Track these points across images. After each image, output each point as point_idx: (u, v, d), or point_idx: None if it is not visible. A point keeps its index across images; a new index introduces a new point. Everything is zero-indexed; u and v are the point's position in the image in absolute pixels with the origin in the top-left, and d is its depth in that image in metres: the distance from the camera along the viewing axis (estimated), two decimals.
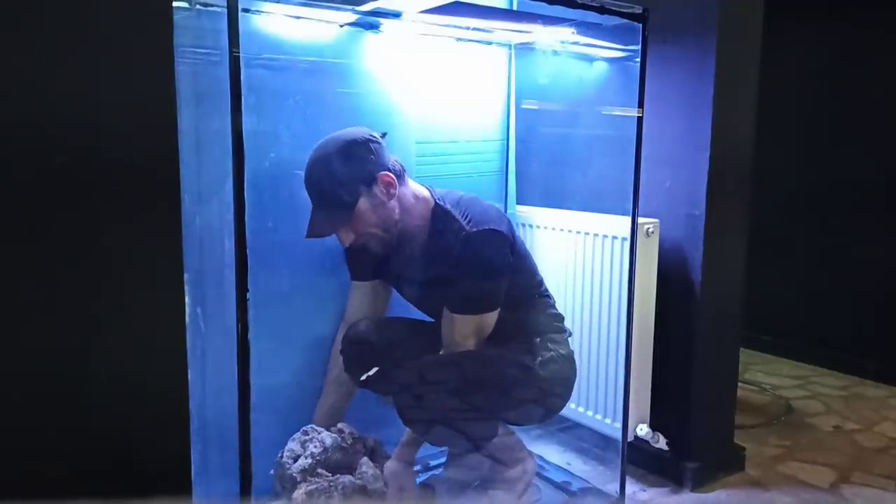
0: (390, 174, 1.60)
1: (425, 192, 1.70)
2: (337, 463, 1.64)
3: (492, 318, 1.66)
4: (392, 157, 1.64)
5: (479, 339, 1.67)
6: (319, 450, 1.63)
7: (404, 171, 1.67)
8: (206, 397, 1.53)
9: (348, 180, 1.57)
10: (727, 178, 1.98)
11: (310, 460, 1.61)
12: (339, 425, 1.71)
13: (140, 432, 1.04)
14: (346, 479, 1.59)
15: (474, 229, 1.61)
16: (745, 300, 2.13)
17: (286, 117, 1.67)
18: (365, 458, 1.65)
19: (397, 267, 1.74)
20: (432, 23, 1.87)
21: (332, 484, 1.57)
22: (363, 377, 1.71)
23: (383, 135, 1.64)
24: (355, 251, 1.73)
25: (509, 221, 1.72)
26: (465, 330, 1.65)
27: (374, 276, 1.80)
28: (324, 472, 1.61)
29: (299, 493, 1.57)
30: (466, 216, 1.64)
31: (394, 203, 1.62)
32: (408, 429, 1.68)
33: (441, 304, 1.70)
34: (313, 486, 1.57)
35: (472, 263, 1.62)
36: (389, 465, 1.67)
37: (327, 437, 1.65)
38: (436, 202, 1.69)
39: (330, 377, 1.80)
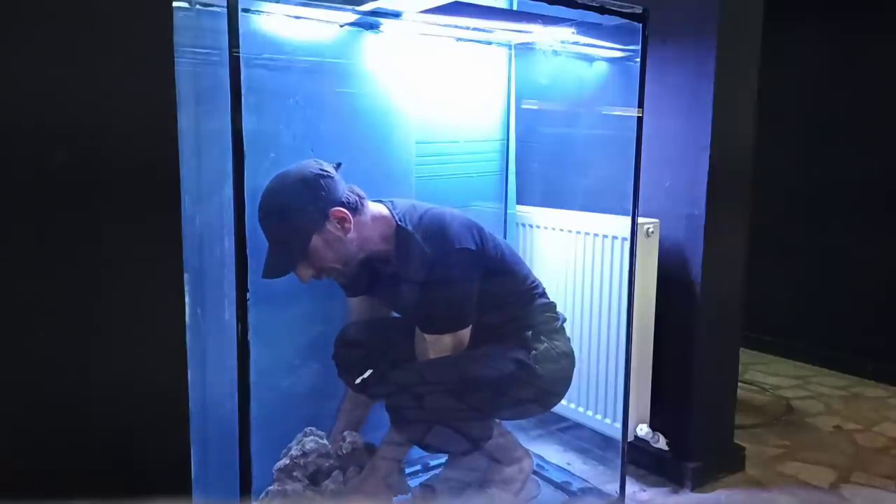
0: (343, 210, 1.56)
1: (385, 212, 1.66)
2: (329, 469, 1.64)
3: (464, 334, 1.66)
4: (347, 188, 1.59)
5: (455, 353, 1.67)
6: (298, 453, 1.63)
7: (362, 198, 1.62)
8: (205, 397, 1.53)
9: (299, 220, 1.53)
10: (727, 178, 1.98)
11: (287, 461, 1.62)
12: (344, 433, 1.71)
13: (140, 432, 1.04)
14: (293, 486, 1.58)
15: (437, 253, 1.60)
16: (745, 300, 2.13)
17: (286, 117, 1.67)
18: (336, 472, 1.64)
19: (378, 286, 1.73)
20: (432, 23, 1.87)
21: (279, 489, 1.58)
22: (357, 381, 1.71)
23: (337, 166, 1.60)
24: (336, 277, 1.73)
25: (478, 230, 1.68)
26: (439, 348, 1.65)
27: (364, 293, 1.80)
28: (299, 475, 1.61)
29: (264, 491, 1.59)
30: (428, 237, 1.61)
31: (351, 236, 1.58)
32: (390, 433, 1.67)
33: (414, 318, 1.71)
34: (272, 488, 1.59)
35: (436, 286, 1.61)
36: (364, 474, 1.65)
37: (310, 442, 1.65)
38: (397, 224, 1.64)
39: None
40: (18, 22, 0.91)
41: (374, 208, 1.65)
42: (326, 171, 1.56)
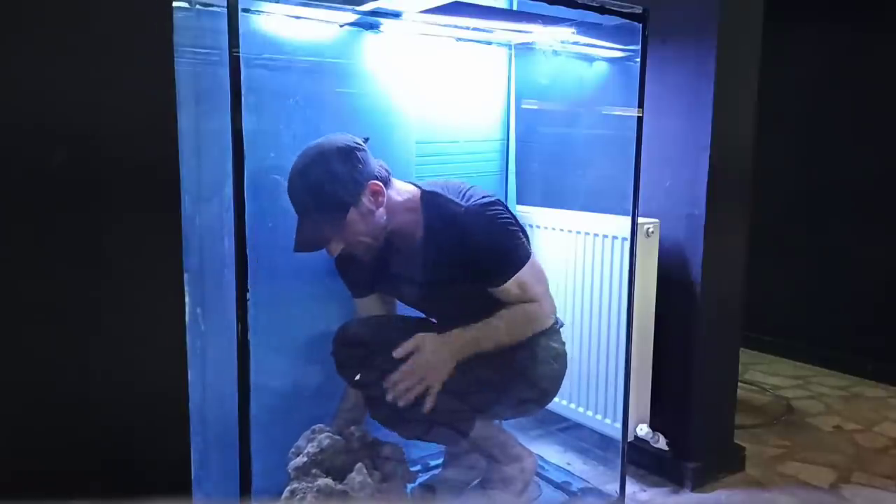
0: (378, 182, 1.56)
1: (409, 186, 1.68)
2: (342, 465, 1.64)
3: (535, 261, 1.64)
4: (377, 162, 1.60)
5: (543, 287, 1.66)
6: (316, 450, 1.62)
7: (390, 173, 1.63)
8: (206, 397, 1.53)
9: (338, 192, 1.52)
10: (727, 178, 1.98)
11: (305, 459, 1.61)
12: (352, 428, 1.72)
13: (140, 432, 1.04)
14: (324, 482, 1.58)
15: (472, 202, 1.60)
16: (745, 300, 2.13)
17: (286, 117, 1.67)
18: (359, 465, 1.64)
19: (396, 272, 1.71)
20: (432, 23, 1.87)
21: (309, 485, 1.57)
22: (356, 378, 1.70)
23: (366, 139, 1.60)
24: (348, 269, 1.71)
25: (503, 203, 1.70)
26: (522, 291, 1.61)
27: (374, 289, 1.79)
28: (318, 472, 1.60)
29: (286, 490, 1.57)
30: (460, 194, 1.62)
31: (382, 210, 1.58)
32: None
33: (446, 299, 1.67)
34: (295, 486, 1.58)
35: (484, 233, 1.58)
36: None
37: (326, 439, 1.64)
38: (422, 190, 1.66)
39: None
40: (18, 22, 0.91)
41: (399, 184, 1.67)
42: (360, 144, 1.57)
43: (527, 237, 1.70)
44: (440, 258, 1.63)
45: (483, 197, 1.63)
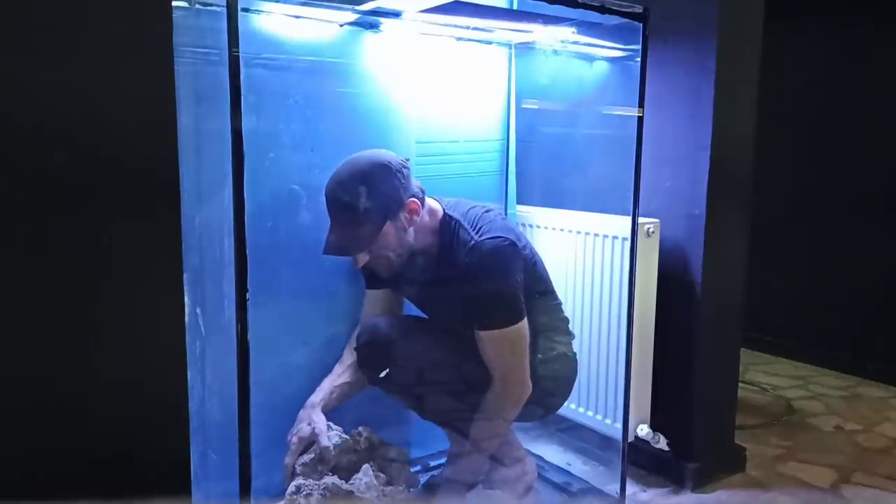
0: (416, 201, 1.61)
1: (437, 206, 1.70)
2: (347, 464, 1.64)
3: (522, 328, 1.62)
4: (415, 182, 1.65)
5: (520, 353, 1.62)
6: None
7: (423, 192, 1.67)
8: (205, 397, 1.53)
9: (379, 205, 1.55)
10: (728, 178, 1.98)
11: (313, 455, 1.61)
12: (360, 428, 1.72)
13: (139, 433, 1.03)
14: (331, 480, 1.58)
15: (484, 237, 1.60)
16: (745, 300, 2.13)
17: (286, 117, 1.67)
18: (366, 466, 1.64)
19: (411, 280, 1.73)
20: (432, 22, 1.87)
21: (315, 483, 1.57)
22: (380, 375, 1.70)
23: (407, 160, 1.65)
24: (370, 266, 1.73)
25: (519, 232, 1.72)
26: (500, 347, 1.62)
27: (389, 286, 1.81)
28: (324, 470, 1.61)
29: (292, 485, 1.58)
30: (476, 227, 1.63)
31: (412, 229, 1.63)
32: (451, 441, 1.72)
33: (453, 314, 1.69)
34: (301, 482, 1.58)
35: (484, 274, 1.59)
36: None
37: (334, 437, 1.65)
38: (444, 212, 1.69)
39: (342, 362, 1.77)
40: (18, 22, 0.91)
41: (429, 202, 1.69)
42: (405, 163, 1.62)
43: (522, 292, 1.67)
44: (447, 282, 1.66)
45: (497, 236, 1.61)
